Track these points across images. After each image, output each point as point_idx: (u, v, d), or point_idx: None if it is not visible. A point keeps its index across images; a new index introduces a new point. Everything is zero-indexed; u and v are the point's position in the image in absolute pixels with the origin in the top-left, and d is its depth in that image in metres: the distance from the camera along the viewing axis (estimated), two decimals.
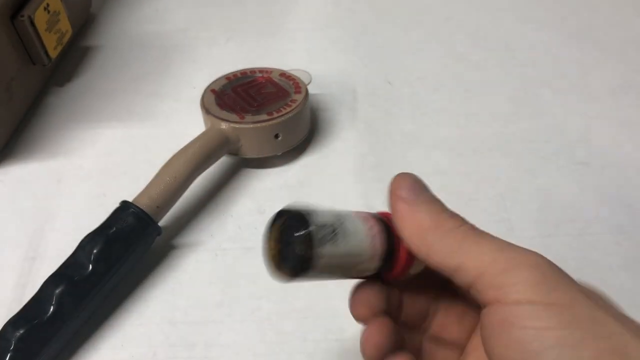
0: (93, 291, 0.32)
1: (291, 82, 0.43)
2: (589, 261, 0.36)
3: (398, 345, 0.25)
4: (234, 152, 0.41)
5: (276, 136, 0.40)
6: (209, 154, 0.38)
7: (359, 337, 0.30)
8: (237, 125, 0.40)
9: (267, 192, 0.41)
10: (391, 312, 0.25)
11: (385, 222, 0.24)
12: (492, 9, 0.59)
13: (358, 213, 0.24)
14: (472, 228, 0.22)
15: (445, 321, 0.26)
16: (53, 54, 0.46)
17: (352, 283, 0.26)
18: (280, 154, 0.42)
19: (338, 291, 0.35)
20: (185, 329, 0.33)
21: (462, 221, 0.22)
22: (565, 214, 0.39)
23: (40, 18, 0.44)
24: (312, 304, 0.34)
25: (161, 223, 0.36)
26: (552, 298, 0.19)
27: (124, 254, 0.33)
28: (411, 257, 0.23)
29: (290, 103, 0.41)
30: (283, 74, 0.44)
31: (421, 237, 0.22)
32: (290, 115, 0.40)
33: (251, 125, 0.40)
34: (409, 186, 0.23)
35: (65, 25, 0.48)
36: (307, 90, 0.43)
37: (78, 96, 0.50)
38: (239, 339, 0.33)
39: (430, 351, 0.26)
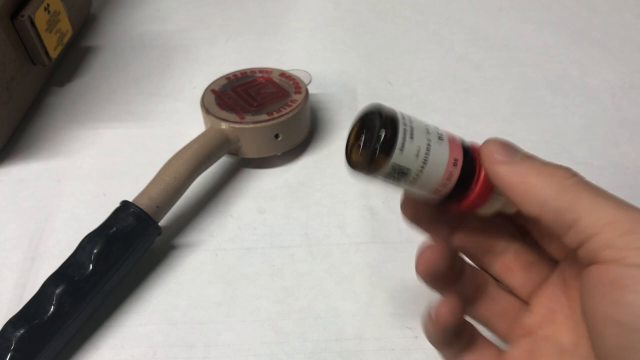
0: (93, 291, 0.32)
1: (291, 82, 0.43)
2: None
3: (454, 270, 0.25)
4: (234, 152, 0.41)
5: (276, 136, 0.41)
6: (209, 154, 0.38)
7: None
8: (237, 125, 0.40)
9: (267, 192, 0.41)
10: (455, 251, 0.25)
11: (471, 154, 0.24)
12: (492, 9, 0.59)
13: (452, 140, 0.23)
14: (584, 181, 0.21)
15: (512, 265, 0.26)
16: (53, 54, 0.46)
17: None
18: (280, 154, 0.42)
19: (338, 291, 0.35)
20: (185, 329, 0.33)
21: (570, 172, 0.21)
22: None
23: (41, 18, 0.44)
24: (312, 304, 0.34)
25: (161, 223, 0.36)
26: None
27: (124, 253, 0.33)
28: (483, 197, 0.23)
29: (290, 103, 0.41)
30: (283, 74, 0.45)
31: (531, 195, 0.21)
32: (290, 115, 0.40)
33: (251, 125, 0.40)
34: (503, 149, 0.23)
35: (65, 26, 0.48)
36: (307, 90, 0.43)
37: (78, 96, 0.50)
38: (238, 339, 0.33)
39: (492, 291, 0.26)
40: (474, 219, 0.26)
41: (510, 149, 0.23)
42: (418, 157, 0.22)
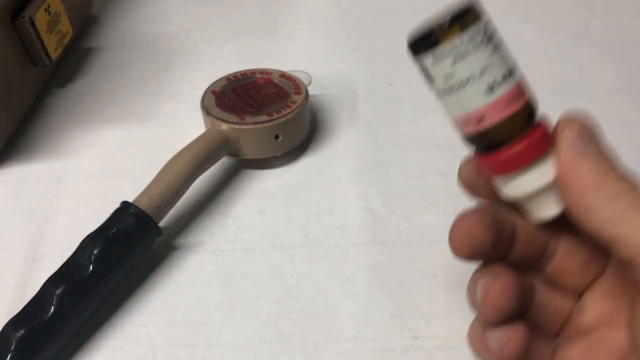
0: (93, 291, 0.32)
1: (291, 83, 0.44)
2: None
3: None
4: (234, 153, 0.41)
5: (276, 137, 0.41)
6: (209, 155, 0.38)
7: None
8: (237, 126, 0.40)
9: (267, 192, 0.41)
10: (500, 247, 0.22)
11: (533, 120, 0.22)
12: (490, 10, 0.59)
13: (518, 87, 0.22)
14: None
15: (566, 265, 0.23)
16: (54, 55, 0.46)
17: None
18: (280, 154, 0.42)
19: (338, 292, 0.35)
20: (185, 330, 0.33)
21: (630, 186, 0.19)
22: None
23: (41, 19, 0.44)
24: (312, 305, 0.34)
25: (161, 224, 0.36)
26: None
27: (124, 254, 0.33)
28: (524, 158, 0.21)
29: (290, 104, 0.41)
30: (283, 75, 0.45)
31: (580, 195, 0.19)
32: (290, 116, 0.40)
33: (251, 126, 0.40)
34: (576, 133, 0.21)
35: (66, 27, 0.48)
36: (307, 92, 0.43)
37: (79, 97, 0.50)
38: (239, 340, 0.33)
39: (541, 295, 0.24)
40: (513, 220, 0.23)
41: (584, 137, 0.21)
42: (452, 79, 0.21)
